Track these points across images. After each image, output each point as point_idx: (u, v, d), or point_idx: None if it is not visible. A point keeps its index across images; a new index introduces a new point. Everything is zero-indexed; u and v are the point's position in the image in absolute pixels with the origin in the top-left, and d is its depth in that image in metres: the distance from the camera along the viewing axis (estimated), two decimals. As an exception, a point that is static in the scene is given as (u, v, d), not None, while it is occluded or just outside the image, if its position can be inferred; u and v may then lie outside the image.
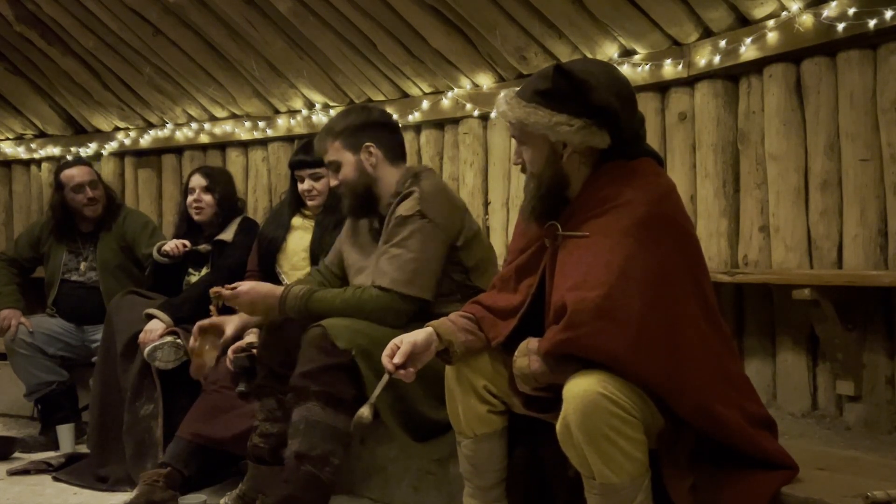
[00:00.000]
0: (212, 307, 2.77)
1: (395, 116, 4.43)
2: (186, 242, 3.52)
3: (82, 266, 3.97)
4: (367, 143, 2.65)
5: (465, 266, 2.63)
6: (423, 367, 2.11)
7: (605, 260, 1.85)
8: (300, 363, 2.44)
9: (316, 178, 3.23)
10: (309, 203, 3.29)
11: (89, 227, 4.01)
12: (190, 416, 2.96)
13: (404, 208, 2.56)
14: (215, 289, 2.64)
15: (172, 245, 3.50)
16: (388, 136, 2.72)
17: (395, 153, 2.72)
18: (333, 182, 2.73)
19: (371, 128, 2.68)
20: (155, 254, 3.56)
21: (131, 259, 3.97)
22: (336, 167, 2.69)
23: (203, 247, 3.53)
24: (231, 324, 2.86)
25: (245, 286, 2.62)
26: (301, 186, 3.28)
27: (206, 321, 2.84)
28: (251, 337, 2.98)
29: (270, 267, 3.29)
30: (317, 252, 3.16)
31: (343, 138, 2.66)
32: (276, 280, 3.22)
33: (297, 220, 3.34)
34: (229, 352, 2.97)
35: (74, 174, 3.91)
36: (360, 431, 2.29)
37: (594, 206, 1.95)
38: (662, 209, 1.91)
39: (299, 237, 3.29)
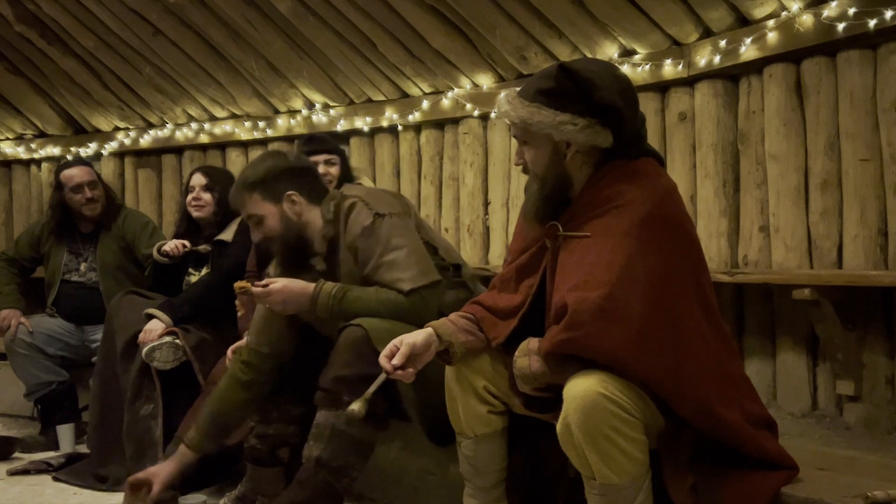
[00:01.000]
0: (237, 302, 2.71)
1: (395, 117, 4.48)
2: (186, 243, 3.51)
3: (82, 267, 3.97)
4: (289, 192, 2.54)
5: (433, 245, 2.61)
6: (440, 370, 2.11)
7: (606, 260, 1.85)
8: (335, 364, 2.35)
9: (331, 164, 3.20)
10: None
11: (89, 228, 4.01)
12: (190, 415, 2.96)
13: (361, 219, 2.49)
14: (240, 283, 2.51)
15: (172, 245, 3.50)
16: (307, 180, 2.61)
17: (316, 195, 2.60)
18: (256, 237, 2.60)
19: (289, 175, 2.56)
20: (155, 254, 3.56)
21: (131, 259, 3.97)
22: (257, 220, 2.56)
23: (203, 247, 3.53)
24: (159, 481, 2.56)
25: (278, 284, 2.48)
26: None
27: (138, 476, 2.59)
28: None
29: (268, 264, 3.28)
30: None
31: (261, 190, 2.54)
32: None
33: None
34: (228, 352, 2.96)
35: (74, 174, 3.91)
36: (353, 426, 2.28)
37: (595, 207, 1.94)
38: (664, 209, 1.91)
39: None
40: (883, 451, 2.67)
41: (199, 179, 3.60)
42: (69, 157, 5.50)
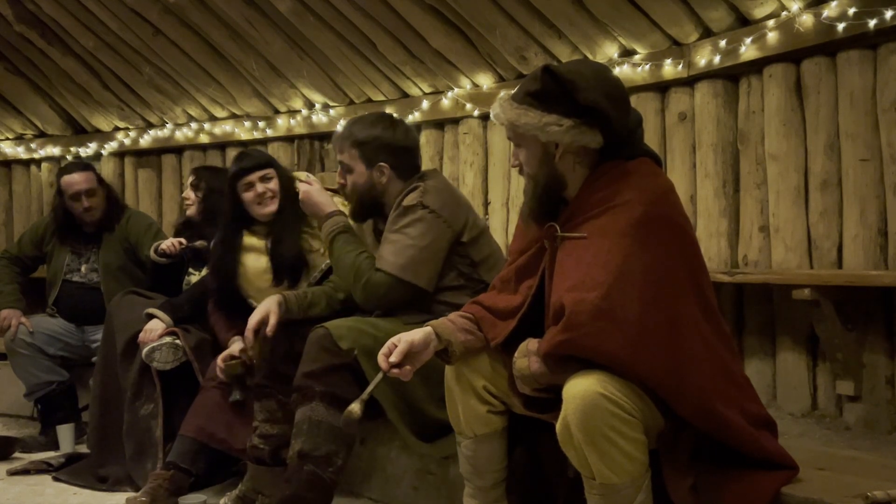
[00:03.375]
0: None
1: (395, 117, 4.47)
2: (182, 240, 3.52)
3: (84, 267, 3.97)
4: (382, 164, 2.68)
5: (473, 260, 2.66)
6: (428, 367, 2.12)
7: (603, 260, 1.85)
8: (303, 363, 2.45)
9: (267, 179, 3.03)
10: (264, 211, 3.02)
11: (92, 229, 4.01)
12: (191, 413, 2.97)
13: (407, 200, 2.61)
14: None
15: (168, 243, 3.51)
16: (404, 158, 2.73)
17: (407, 172, 2.73)
18: (339, 180, 2.76)
19: (390, 149, 2.69)
20: (152, 254, 3.56)
21: (134, 261, 3.96)
22: (347, 169, 2.73)
23: (200, 243, 3.52)
24: (273, 314, 2.70)
25: (314, 187, 2.77)
26: (251, 194, 3.01)
27: (255, 320, 2.69)
28: (238, 345, 2.96)
29: (230, 292, 3.06)
30: (280, 268, 2.97)
31: (361, 150, 2.69)
32: (241, 304, 3.03)
33: (248, 240, 3.08)
34: (219, 360, 2.95)
35: (73, 181, 3.88)
36: (350, 428, 2.29)
37: (592, 207, 1.95)
38: (660, 209, 1.92)
39: (255, 259, 3.05)
40: (883, 451, 2.67)
41: (189, 178, 3.69)
42: (69, 157, 5.52)
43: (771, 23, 3.27)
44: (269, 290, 2.93)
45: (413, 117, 4.42)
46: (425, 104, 4.38)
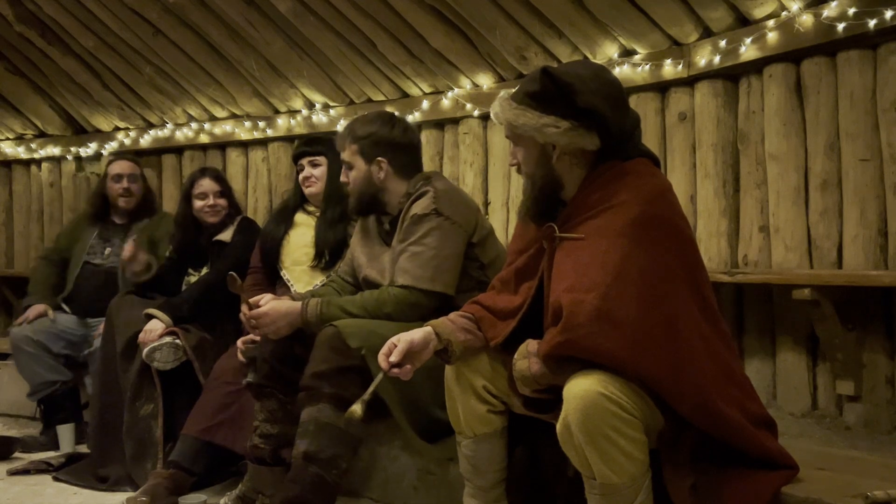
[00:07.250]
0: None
1: (397, 115, 4.47)
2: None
3: (107, 251, 4.01)
4: (380, 159, 2.74)
5: (482, 262, 2.69)
6: (437, 368, 2.12)
7: (600, 261, 1.85)
8: (312, 362, 2.45)
9: (314, 165, 3.28)
10: (307, 191, 3.31)
11: (123, 220, 4.07)
12: (195, 413, 2.97)
13: (420, 207, 2.62)
14: (235, 279, 2.60)
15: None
16: (403, 155, 2.78)
17: (407, 170, 2.78)
18: (343, 179, 2.82)
19: (388, 145, 2.76)
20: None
21: (154, 256, 3.98)
22: (348, 166, 2.79)
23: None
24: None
25: (262, 310, 2.59)
26: (300, 175, 3.33)
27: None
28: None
29: (273, 263, 3.29)
30: (321, 246, 3.18)
31: (360, 145, 2.76)
32: (277, 275, 3.26)
33: (300, 217, 3.36)
34: (239, 342, 2.96)
35: (119, 164, 4.09)
36: (353, 428, 2.30)
37: (589, 208, 1.95)
38: (657, 209, 1.92)
39: (301, 233, 3.29)
40: (883, 451, 2.67)
41: (211, 185, 3.64)
42: (69, 158, 5.54)
43: (771, 23, 3.27)
44: (304, 265, 3.18)
45: (413, 117, 4.42)
46: (425, 104, 4.38)
